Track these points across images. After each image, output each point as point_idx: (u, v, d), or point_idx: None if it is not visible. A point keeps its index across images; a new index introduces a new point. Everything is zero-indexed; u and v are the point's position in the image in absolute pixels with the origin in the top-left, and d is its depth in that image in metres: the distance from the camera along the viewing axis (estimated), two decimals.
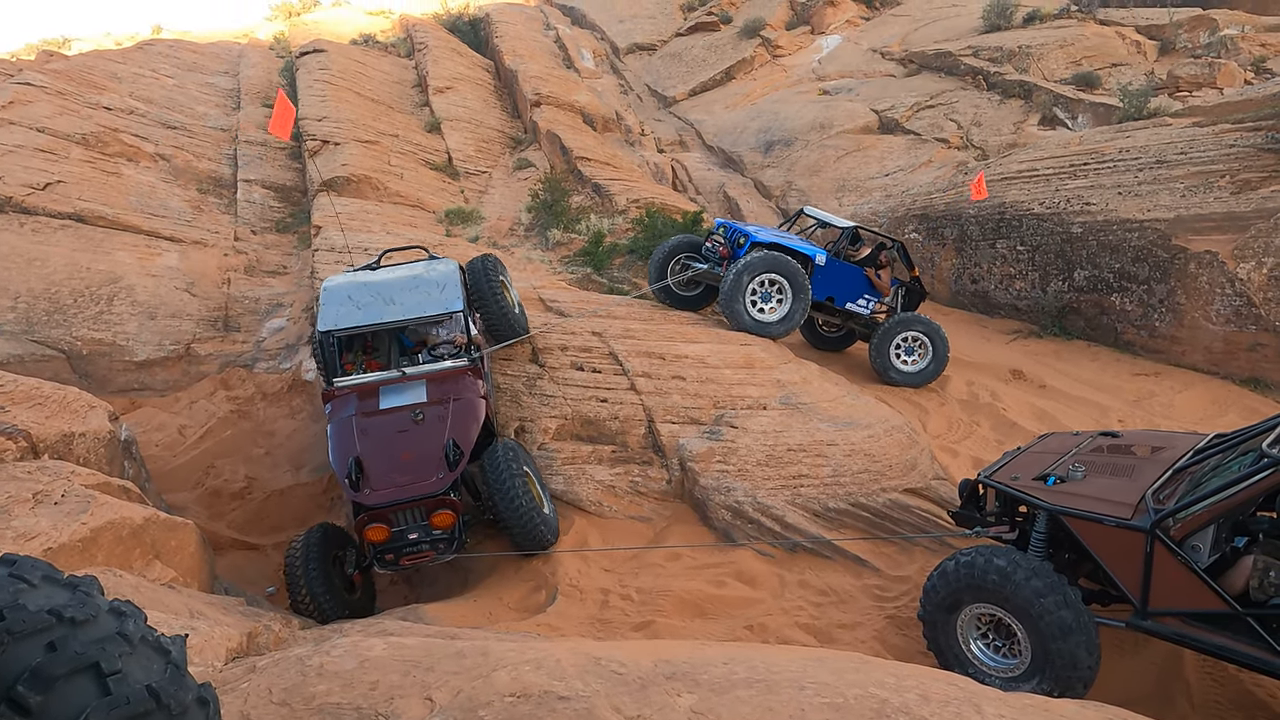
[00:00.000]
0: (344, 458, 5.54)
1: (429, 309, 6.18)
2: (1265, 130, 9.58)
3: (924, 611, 4.80)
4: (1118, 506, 4.31)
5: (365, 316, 6.11)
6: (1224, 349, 8.91)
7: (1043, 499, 4.62)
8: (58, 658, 1.35)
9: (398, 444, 5.62)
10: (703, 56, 21.63)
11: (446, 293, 6.31)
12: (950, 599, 4.61)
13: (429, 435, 5.67)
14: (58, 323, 9.70)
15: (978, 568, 4.45)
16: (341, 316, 6.11)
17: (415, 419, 5.74)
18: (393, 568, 5.58)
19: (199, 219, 12.77)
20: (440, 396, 5.90)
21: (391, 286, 6.38)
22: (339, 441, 5.67)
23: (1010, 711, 2.75)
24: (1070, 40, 16.66)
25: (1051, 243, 10.35)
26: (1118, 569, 4.25)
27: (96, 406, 5.59)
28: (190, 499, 7.75)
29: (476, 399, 5.99)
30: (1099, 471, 4.83)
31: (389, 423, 5.75)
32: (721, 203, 15.70)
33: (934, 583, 4.70)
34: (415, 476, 5.45)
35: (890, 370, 8.95)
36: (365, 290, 6.34)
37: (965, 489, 5.51)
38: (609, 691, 2.61)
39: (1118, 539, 4.21)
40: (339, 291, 6.35)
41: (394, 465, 5.50)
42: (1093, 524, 4.32)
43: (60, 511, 3.89)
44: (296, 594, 5.42)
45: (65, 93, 14.15)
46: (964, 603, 4.56)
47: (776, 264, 8.07)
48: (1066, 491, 4.62)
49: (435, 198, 14.06)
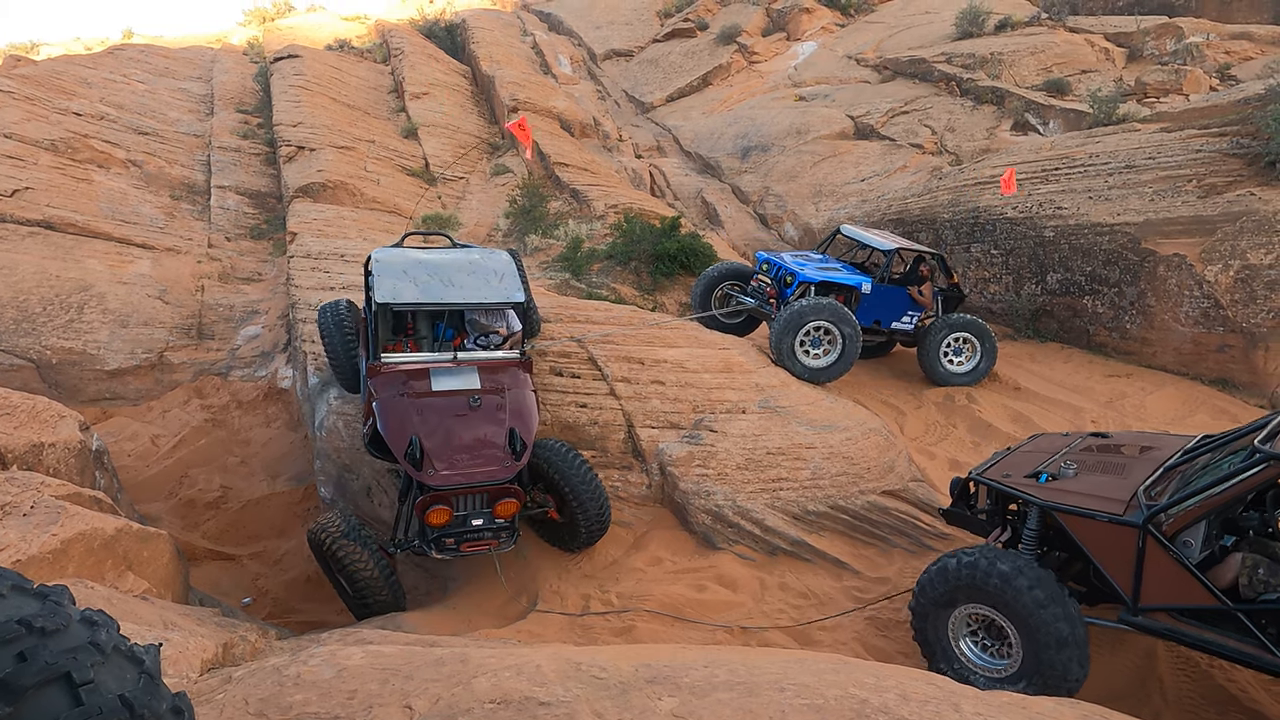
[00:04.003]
0: (401, 435, 5.34)
1: (490, 295, 6.02)
2: (1230, 136, 9.78)
3: (916, 604, 4.81)
4: (1110, 503, 4.34)
5: (424, 294, 5.85)
6: (1193, 350, 9.07)
7: (1035, 495, 4.65)
8: (28, 668, 1.33)
9: (457, 427, 5.46)
10: (680, 63, 21.72)
11: (506, 282, 6.15)
12: (946, 596, 4.62)
13: (490, 422, 5.54)
14: (26, 331, 9.53)
15: (980, 569, 4.44)
16: (399, 290, 5.80)
17: (472, 405, 5.59)
18: (452, 553, 5.36)
19: (172, 226, 12.62)
20: (494, 386, 5.76)
21: (447, 267, 6.15)
22: (392, 418, 5.45)
23: (988, 710, 2.77)
24: (1041, 47, 16.92)
25: (1025, 246, 10.49)
26: (1109, 565, 4.28)
27: (67, 416, 5.50)
28: (164, 509, 7.64)
29: (530, 393, 5.89)
30: (1090, 470, 4.87)
31: (446, 405, 5.57)
32: (700, 208, 15.76)
33: (931, 577, 4.70)
34: (482, 461, 5.33)
35: (942, 372, 9.05)
36: (420, 268, 6.08)
37: (956, 487, 5.53)
38: (590, 696, 2.60)
39: (1110, 534, 4.24)
40: (393, 265, 6.04)
41: (457, 448, 5.36)
42: (1085, 520, 4.36)
43: (29, 523, 3.82)
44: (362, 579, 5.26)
45: (34, 98, 13.94)
46: (959, 601, 4.58)
47: (825, 311, 8.02)
48: (1059, 488, 4.66)
49: (412, 203, 13.99)
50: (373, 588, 5.36)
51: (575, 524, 5.88)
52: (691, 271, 11.29)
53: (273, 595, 6.70)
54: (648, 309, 9.90)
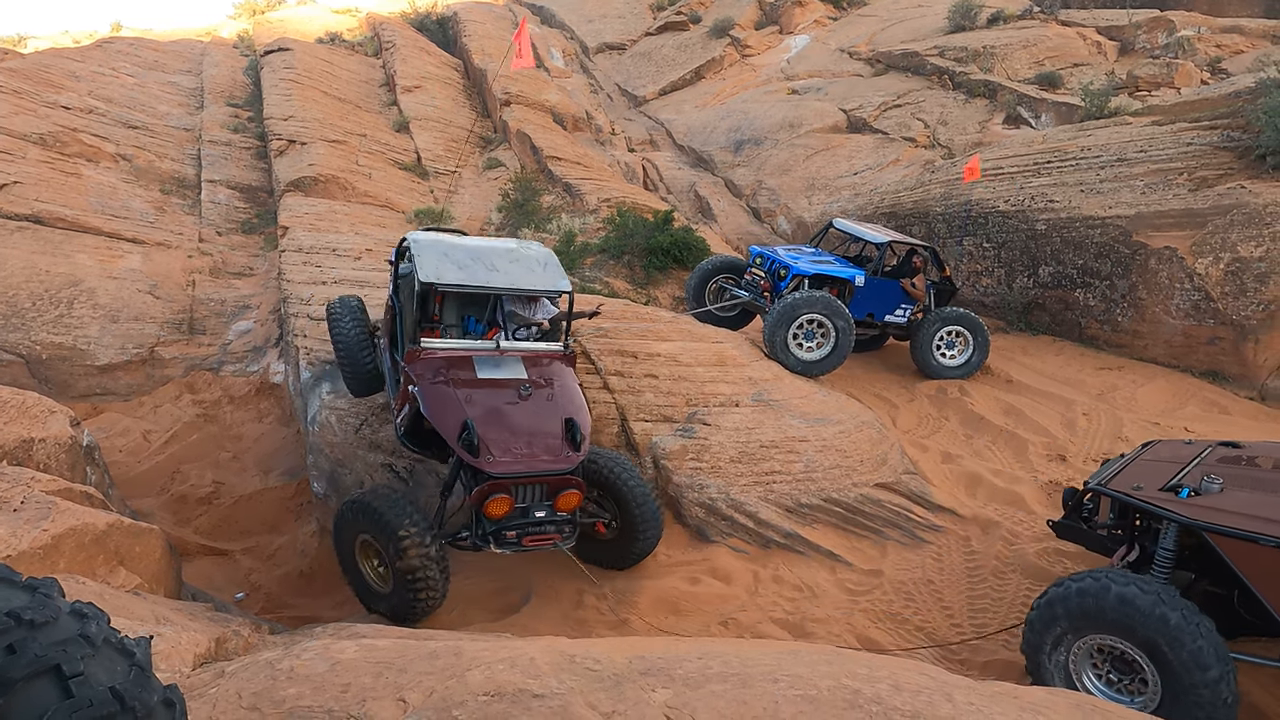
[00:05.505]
0: (452, 420, 5.02)
1: (536, 284, 5.81)
2: (1221, 129, 9.82)
3: (1030, 631, 4.35)
4: (1276, 525, 3.91)
5: (468, 277, 5.59)
6: (1184, 342, 9.11)
7: (1183, 514, 4.18)
8: (17, 660, 1.32)
9: (512, 415, 5.19)
10: (672, 56, 21.67)
11: (549, 271, 5.97)
12: (1071, 625, 4.16)
13: (544, 412, 5.29)
14: (15, 326, 9.47)
15: (1114, 598, 3.99)
16: (444, 272, 5.54)
17: (523, 394, 5.33)
18: (513, 547, 5.00)
19: (162, 220, 12.55)
20: (540, 378, 5.53)
21: (489, 253, 5.94)
22: (439, 403, 5.14)
23: (980, 700, 2.78)
24: (1033, 41, 16.94)
25: (1017, 240, 10.51)
26: (1273, 594, 3.88)
27: (57, 411, 5.46)
28: (156, 505, 7.62)
29: (577, 387, 5.71)
30: (1239, 485, 4.42)
31: (495, 394, 5.29)
32: (692, 202, 15.74)
33: (1053, 605, 4.24)
34: (541, 451, 5.05)
35: (935, 365, 9.07)
36: (461, 251, 5.86)
37: (1070, 497, 5.20)
38: (584, 688, 2.61)
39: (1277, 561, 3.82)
40: (433, 247, 5.83)
41: (514, 436, 5.07)
42: (1247, 544, 3.92)
43: (20, 518, 3.80)
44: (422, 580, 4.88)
45: (21, 92, 13.82)
46: (1084, 631, 4.13)
47: (818, 304, 8.04)
48: (1208, 506, 4.18)
49: (404, 198, 13.94)
50: (432, 587, 4.98)
51: (629, 542, 5.66)
52: (684, 265, 11.29)
53: (266, 590, 6.68)
54: (641, 303, 9.89)
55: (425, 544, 4.91)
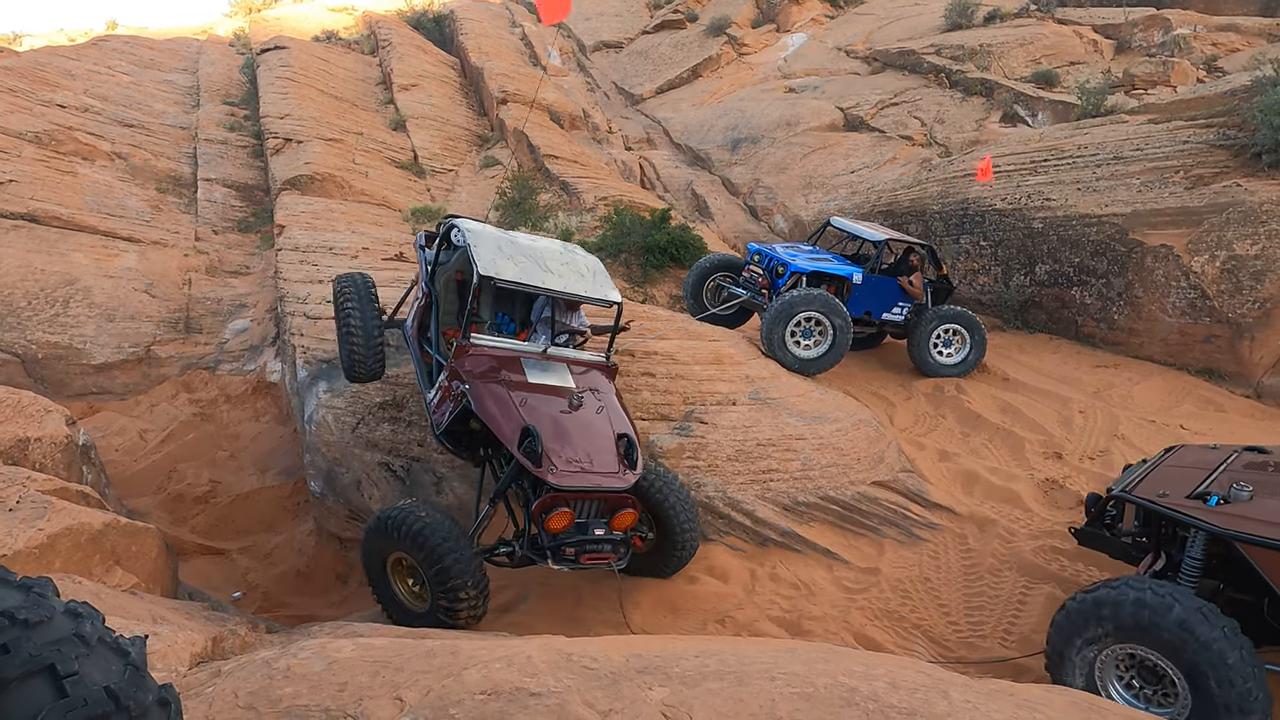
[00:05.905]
0: (512, 425, 4.80)
1: (587, 290, 5.64)
2: (1217, 127, 9.83)
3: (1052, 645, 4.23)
4: None
5: (524, 274, 5.38)
6: (1180, 340, 9.12)
7: (1212, 522, 4.08)
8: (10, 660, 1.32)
9: (566, 426, 4.99)
10: (669, 54, 21.67)
11: (599, 280, 5.83)
12: (1096, 634, 4.05)
13: (596, 424, 5.11)
14: (10, 326, 9.45)
15: (1147, 608, 3.86)
16: (502, 267, 5.30)
17: (574, 404, 5.14)
18: (570, 564, 4.77)
19: (158, 219, 12.52)
20: (586, 387, 5.37)
21: (543, 254, 5.75)
22: (497, 406, 4.90)
23: (976, 697, 2.79)
24: (1030, 39, 16.96)
25: (1013, 238, 10.51)
26: None
27: (53, 410, 5.46)
28: (152, 504, 7.61)
29: (620, 400, 5.56)
30: (1268, 492, 4.31)
31: (548, 401, 5.08)
32: (690, 200, 15.74)
33: (1078, 613, 4.13)
34: (599, 466, 4.87)
35: (932, 363, 9.07)
36: (515, 248, 5.65)
37: (1093, 504, 5.10)
38: (581, 687, 2.61)
39: None
40: (489, 239, 5.59)
41: (572, 448, 4.88)
42: None
43: (15, 518, 3.79)
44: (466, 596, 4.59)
45: (16, 90, 13.78)
46: (1110, 640, 4.03)
47: (815, 302, 8.02)
48: (1238, 514, 4.09)
49: (401, 196, 13.92)
50: (474, 609, 4.72)
51: (667, 556, 5.58)
52: (682, 264, 11.29)
53: (262, 589, 6.68)
54: (638, 301, 9.89)
55: (472, 570, 4.63)
